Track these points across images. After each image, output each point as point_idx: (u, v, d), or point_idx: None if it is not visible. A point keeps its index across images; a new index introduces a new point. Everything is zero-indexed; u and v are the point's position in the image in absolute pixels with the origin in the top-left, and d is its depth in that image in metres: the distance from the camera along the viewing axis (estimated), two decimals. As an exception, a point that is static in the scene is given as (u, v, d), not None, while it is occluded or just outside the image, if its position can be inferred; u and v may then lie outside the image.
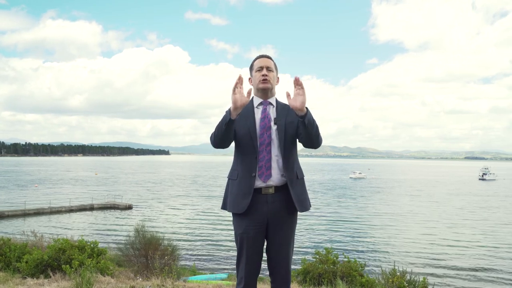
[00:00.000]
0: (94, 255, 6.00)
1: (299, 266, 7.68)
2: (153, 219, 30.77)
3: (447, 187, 67.89)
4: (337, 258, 7.29)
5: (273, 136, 2.29)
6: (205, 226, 28.65)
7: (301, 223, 27.09)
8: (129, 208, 36.71)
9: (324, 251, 7.47)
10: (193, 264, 17.66)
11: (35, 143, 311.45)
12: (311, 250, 15.51)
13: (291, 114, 2.27)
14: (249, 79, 2.45)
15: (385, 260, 19.35)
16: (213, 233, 25.95)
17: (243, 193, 2.28)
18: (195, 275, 14.08)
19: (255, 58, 2.43)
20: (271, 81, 2.35)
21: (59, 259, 5.73)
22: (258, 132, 2.30)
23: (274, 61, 2.42)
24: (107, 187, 56.99)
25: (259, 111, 2.35)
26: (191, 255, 20.18)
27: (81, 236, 6.87)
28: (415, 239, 25.08)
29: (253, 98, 2.40)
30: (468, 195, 54.35)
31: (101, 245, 6.72)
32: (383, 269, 6.72)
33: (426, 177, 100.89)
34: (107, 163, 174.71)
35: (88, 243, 6.28)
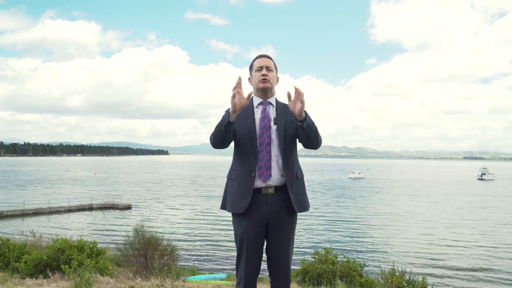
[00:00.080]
0: (93, 255, 5.99)
1: (298, 266, 7.69)
2: (152, 219, 30.75)
3: (446, 187, 67.96)
4: (336, 258, 7.30)
5: (273, 136, 2.29)
6: (204, 226, 28.63)
7: (300, 223, 27.06)
8: (128, 208, 36.67)
9: (323, 251, 7.48)
10: (192, 264, 17.65)
11: (34, 143, 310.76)
12: (310, 250, 15.53)
13: (291, 114, 2.26)
14: (249, 79, 2.44)
15: (384, 260, 19.35)
16: (212, 233, 25.93)
17: (242, 193, 2.28)
18: (194, 275, 14.08)
19: (254, 58, 2.42)
20: (271, 81, 2.34)
21: (58, 259, 5.72)
22: (258, 132, 2.29)
23: (274, 61, 2.41)
24: (106, 187, 56.93)
25: (259, 111, 2.34)
26: (190, 255, 20.16)
27: (80, 236, 6.86)
28: (414, 239, 25.11)
29: (252, 97, 2.39)
30: (466, 195, 54.42)
31: (100, 245, 6.73)
32: (382, 269, 6.72)
33: (424, 177, 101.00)
34: (106, 163, 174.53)
35: (87, 243, 6.27)
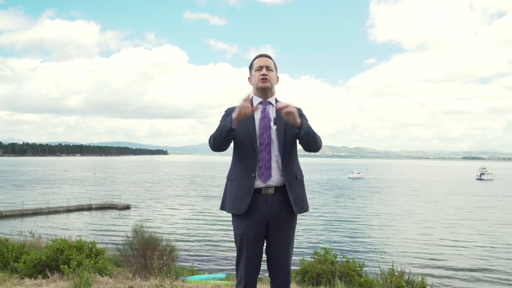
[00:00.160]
0: (92, 255, 5.99)
1: (298, 266, 7.69)
2: (151, 219, 30.70)
3: (445, 187, 68.01)
4: (336, 258, 7.31)
5: (273, 136, 2.28)
6: (203, 226, 28.61)
7: (299, 223, 26.94)
8: (127, 208, 36.64)
9: (322, 251, 7.48)
10: (191, 264, 17.62)
11: (33, 143, 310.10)
12: (310, 250, 15.52)
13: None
14: (249, 78, 2.44)
15: (383, 260, 19.35)
16: (211, 233, 25.90)
17: (242, 193, 2.27)
18: (194, 275, 14.05)
19: (254, 57, 2.42)
20: (270, 80, 2.34)
21: (57, 259, 5.71)
22: (257, 132, 2.28)
23: (273, 61, 2.41)
24: (105, 187, 56.88)
25: (258, 111, 2.33)
26: (189, 255, 20.15)
27: (79, 236, 6.86)
28: (413, 239, 25.12)
29: (252, 97, 2.38)
30: (466, 195, 54.47)
31: (99, 245, 6.72)
32: (382, 269, 6.71)
33: (424, 177, 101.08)
34: (105, 163, 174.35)
35: (86, 243, 6.27)
